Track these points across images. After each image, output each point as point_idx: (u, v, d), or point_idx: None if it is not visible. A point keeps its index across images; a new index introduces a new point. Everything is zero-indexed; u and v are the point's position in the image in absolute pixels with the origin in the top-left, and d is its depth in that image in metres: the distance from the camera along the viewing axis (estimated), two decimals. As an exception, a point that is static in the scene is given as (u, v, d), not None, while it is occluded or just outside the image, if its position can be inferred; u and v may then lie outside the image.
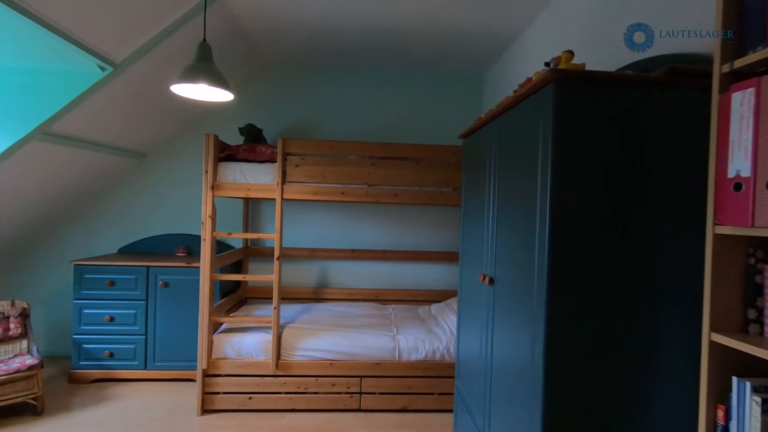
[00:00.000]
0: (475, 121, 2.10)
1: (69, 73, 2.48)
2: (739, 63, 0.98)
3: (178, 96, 2.46)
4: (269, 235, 2.99)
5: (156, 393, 3.07)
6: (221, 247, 3.63)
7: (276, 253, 2.88)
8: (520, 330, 1.44)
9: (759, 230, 0.93)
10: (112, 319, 3.17)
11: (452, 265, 3.91)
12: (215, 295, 3.08)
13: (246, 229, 3.78)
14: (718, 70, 1.03)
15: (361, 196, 2.93)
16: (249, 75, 3.84)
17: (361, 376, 2.88)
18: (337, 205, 3.84)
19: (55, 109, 2.45)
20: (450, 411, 2.77)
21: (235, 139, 3.38)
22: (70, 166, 3.08)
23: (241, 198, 3.59)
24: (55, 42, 2.12)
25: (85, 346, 3.16)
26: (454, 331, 2.96)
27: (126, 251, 3.75)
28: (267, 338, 2.85)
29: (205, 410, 2.79)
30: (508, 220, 1.62)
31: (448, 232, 3.92)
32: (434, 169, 2.96)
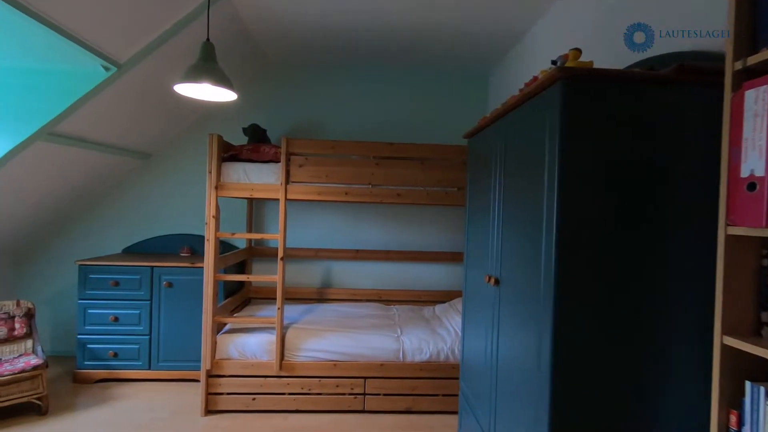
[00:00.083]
0: (480, 121, 2.09)
1: (71, 73, 2.48)
2: (753, 60, 0.96)
3: (183, 96, 2.46)
4: (273, 236, 2.98)
5: (160, 393, 3.07)
6: (225, 247, 3.64)
7: (280, 254, 2.87)
8: (527, 331, 1.42)
9: (773, 231, 0.90)
10: (117, 319, 3.17)
11: (457, 265, 3.89)
12: (219, 296, 3.08)
13: (250, 230, 3.78)
14: (731, 67, 1.01)
15: (365, 196, 2.92)
16: (253, 75, 3.84)
17: (365, 377, 2.86)
18: (341, 206, 3.83)
19: (58, 110, 2.44)
20: (454, 413, 2.74)
21: (239, 140, 3.37)
22: (74, 167, 3.09)
23: (245, 198, 3.58)
24: (57, 42, 2.11)
25: (89, 346, 3.17)
26: (459, 332, 2.94)
27: (130, 251, 3.76)
28: (271, 339, 2.85)
29: (208, 411, 2.79)
30: (514, 220, 1.60)
31: (453, 232, 3.89)
32: (439, 169, 2.94)
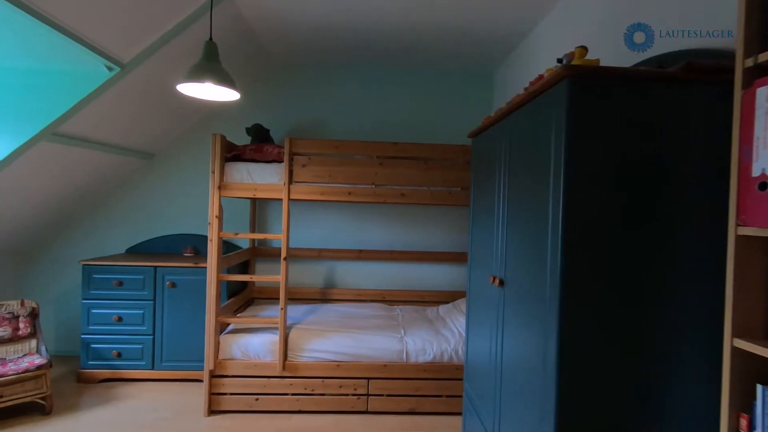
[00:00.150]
0: (484, 120, 2.07)
1: (73, 73, 2.48)
2: (764, 57, 0.94)
3: (186, 96, 2.46)
4: (276, 236, 2.98)
5: (163, 393, 3.07)
6: (228, 247, 3.63)
7: (283, 254, 2.87)
8: (532, 332, 1.40)
9: (785, 231, 0.89)
10: (120, 319, 3.17)
11: (460, 265, 3.87)
12: (222, 296, 3.07)
13: (253, 230, 3.78)
14: (741, 64, 0.99)
15: (369, 196, 2.90)
16: (256, 75, 3.84)
17: (368, 378, 2.85)
18: (345, 205, 3.82)
19: (61, 110, 2.45)
20: (458, 414, 2.73)
21: (242, 139, 3.37)
22: (78, 167, 3.09)
23: (248, 198, 3.58)
24: (59, 42, 2.11)
25: (93, 345, 3.18)
26: (463, 333, 2.92)
27: (134, 251, 3.76)
28: (274, 339, 2.84)
29: (211, 411, 2.79)
30: (519, 220, 1.58)
31: (457, 232, 3.88)
32: (442, 169, 2.92)
